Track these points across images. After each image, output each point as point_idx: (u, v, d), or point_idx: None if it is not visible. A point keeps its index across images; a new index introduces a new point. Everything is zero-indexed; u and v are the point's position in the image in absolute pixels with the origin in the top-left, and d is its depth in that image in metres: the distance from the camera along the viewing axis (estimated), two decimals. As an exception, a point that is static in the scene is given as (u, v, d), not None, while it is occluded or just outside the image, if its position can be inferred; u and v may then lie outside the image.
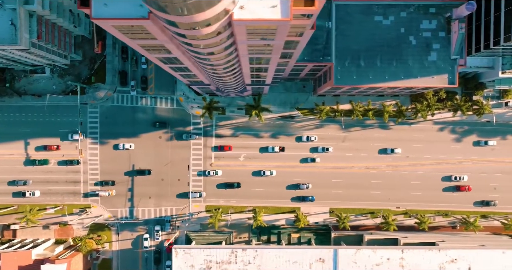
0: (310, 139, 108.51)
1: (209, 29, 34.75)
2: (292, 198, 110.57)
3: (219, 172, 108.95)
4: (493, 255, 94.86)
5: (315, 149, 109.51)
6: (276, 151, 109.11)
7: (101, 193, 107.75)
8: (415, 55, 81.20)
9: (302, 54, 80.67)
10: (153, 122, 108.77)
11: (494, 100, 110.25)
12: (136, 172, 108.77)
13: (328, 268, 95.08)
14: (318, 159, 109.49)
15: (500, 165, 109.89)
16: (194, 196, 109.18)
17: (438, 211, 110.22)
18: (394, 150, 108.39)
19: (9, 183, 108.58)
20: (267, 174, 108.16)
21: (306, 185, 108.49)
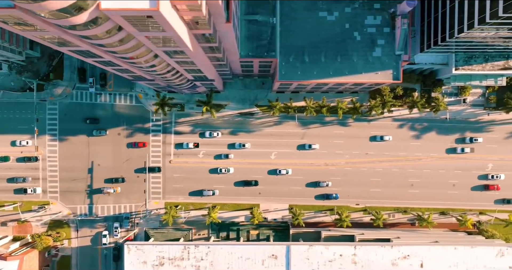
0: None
1: (78, 19, 34.77)
2: (250, 195, 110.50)
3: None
4: (445, 251, 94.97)
5: (275, 146, 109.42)
6: (238, 148, 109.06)
7: (107, 190, 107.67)
8: (360, 51, 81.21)
9: (247, 49, 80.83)
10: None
11: (453, 97, 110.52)
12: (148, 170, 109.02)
13: (280, 265, 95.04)
14: (273, 157, 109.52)
15: (459, 162, 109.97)
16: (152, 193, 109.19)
17: (397, 208, 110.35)
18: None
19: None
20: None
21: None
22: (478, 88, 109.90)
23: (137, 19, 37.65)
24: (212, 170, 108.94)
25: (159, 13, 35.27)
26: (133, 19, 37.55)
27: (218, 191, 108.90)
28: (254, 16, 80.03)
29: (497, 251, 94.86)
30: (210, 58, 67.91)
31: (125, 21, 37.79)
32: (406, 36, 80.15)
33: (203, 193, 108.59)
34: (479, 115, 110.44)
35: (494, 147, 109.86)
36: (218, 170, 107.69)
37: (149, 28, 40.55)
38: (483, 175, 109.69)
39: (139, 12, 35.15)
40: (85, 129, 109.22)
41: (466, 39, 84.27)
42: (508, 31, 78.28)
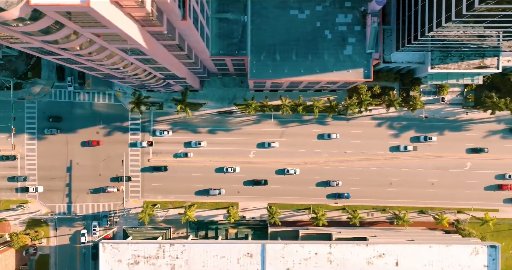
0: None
1: (8, 14, 34.76)
2: (235, 193, 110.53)
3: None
4: (420, 250, 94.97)
5: (254, 145, 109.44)
6: (210, 147, 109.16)
7: (110, 189, 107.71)
8: (331, 49, 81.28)
9: (217, 48, 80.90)
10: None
11: (431, 96, 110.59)
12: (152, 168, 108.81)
13: (256, 263, 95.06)
14: (252, 155, 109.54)
15: (437, 160, 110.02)
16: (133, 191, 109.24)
17: (376, 206, 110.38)
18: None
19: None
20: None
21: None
22: (456, 87, 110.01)
23: (75, 16, 37.67)
24: (218, 169, 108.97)
25: (91, 9, 35.27)
26: (71, 16, 37.56)
27: (224, 191, 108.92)
28: (225, 15, 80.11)
29: (472, 250, 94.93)
30: (176, 56, 67.90)
31: (62, 17, 37.80)
32: (376, 34, 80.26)
33: (209, 193, 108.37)
34: (457, 114, 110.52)
35: (472, 146, 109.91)
36: (225, 169, 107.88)
37: (90, 25, 40.57)
38: (462, 173, 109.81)
39: (72, 8, 35.17)
40: (65, 127, 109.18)
41: (441, 38, 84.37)
42: (484, 29, 78.43)
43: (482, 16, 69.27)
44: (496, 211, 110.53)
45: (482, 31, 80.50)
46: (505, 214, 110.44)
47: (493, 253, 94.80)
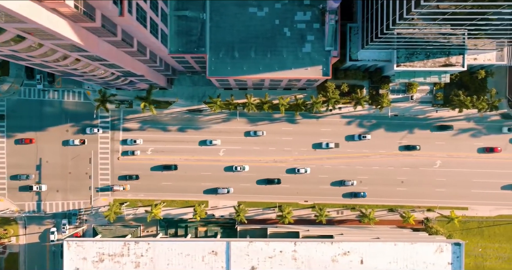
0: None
1: None
2: (205, 190, 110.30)
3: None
4: (385, 247, 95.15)
5: (225, 143, 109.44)
6: (182, 145, 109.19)
7: (116, 187, 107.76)
8: (290, 47, 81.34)
9: (176, 45, 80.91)
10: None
11: (400, 94, 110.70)
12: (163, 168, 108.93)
13: (220, 261, 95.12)
14: (222, 153, 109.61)
15: (407, 159, 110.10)
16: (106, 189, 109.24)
17: (345, 204, 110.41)
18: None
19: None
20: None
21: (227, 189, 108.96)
22: (425, 85, 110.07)
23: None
24: (227, 168, 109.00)
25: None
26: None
27: (233, 189, 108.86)
28: (183, 12, 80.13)
29: (436, 247, 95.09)
30: (128, 53, 67.92)
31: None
32: (334, 32, 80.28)
33: (218, 191, 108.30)
34: (427, 112, 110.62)
35: (442, 144, 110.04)
36: (234, 168, 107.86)
37: (7, 20, 40.55)
38: (431, 171, 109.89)
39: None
40: (35, 126, 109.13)
41: (406, 36, 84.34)
42: (440, 27, 78.56)
43: (431, 13, 69.41)
44: (466, 209, 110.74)
45: (438, 28, 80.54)
46: (474, 212, 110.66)
47: (457, 250, 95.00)
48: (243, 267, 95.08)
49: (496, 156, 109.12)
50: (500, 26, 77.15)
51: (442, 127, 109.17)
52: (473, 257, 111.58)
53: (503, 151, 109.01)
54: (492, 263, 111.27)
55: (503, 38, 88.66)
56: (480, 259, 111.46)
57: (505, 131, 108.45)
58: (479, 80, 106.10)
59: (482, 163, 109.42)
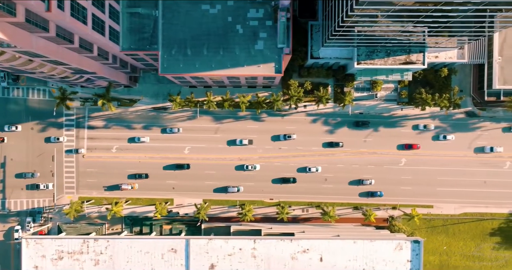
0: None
1: None
2: (169, 188, 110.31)
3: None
4: (344, 245, 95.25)
5: (189, 141, 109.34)
6: (146, 142, 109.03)
7: (124, 186, 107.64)
8: (242, 44, 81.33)
9: (129, 42, 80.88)
10: None
11: (365, 92, 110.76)
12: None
13: (180, 258, 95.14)
14: (187, 151, 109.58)
15: (372, 157, 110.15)
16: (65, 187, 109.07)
17: (311, 202, 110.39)
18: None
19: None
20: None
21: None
22: (390, 83, 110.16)
23: None
24: (238, 167, 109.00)
25: None
26: None
27: (243, 188, 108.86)
28: (136, 9, 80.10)
29: (395, 245, 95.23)
30: (72, 50, 67.85)
31: None
32: (286, 29, 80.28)
33: (228, 190, 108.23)
34: (392, 110, 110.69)
35: (407, 142, 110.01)
36: (245, 167, 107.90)
37: None
38: (396, 169, 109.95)
39: None
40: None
41: (366, 33, 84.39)
42: (393, 24, 78.64)
43: (377, 10, 69.56)
44: (431, 207, 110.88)
45: (394, 25, 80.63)
46: (439, 210, 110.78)
47: (417, 248, 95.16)
48: (203, 265, 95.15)
49: (459, 154, 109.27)
50: (458, 23, 77.04)
51: (361, 124, 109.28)
52: (438, 254, 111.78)
53: (465, 149, 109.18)
54: (456, 261, 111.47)
55: (462, 36, 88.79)
56: (445, 256, 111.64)
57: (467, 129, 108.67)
58: (442, 78, 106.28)
59: (447, 161, 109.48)
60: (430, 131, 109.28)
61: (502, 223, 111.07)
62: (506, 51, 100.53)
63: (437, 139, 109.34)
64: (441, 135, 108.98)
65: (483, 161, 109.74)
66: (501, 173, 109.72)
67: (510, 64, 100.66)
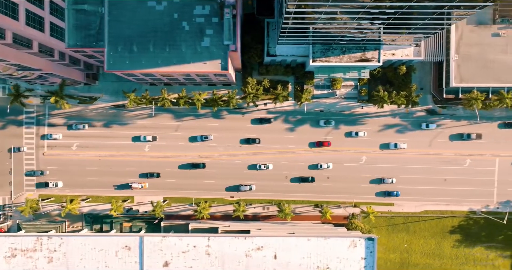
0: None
1: None
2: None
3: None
4: (298, 242, 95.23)
5: (145, 138, 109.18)
6: (106, 140, 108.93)
7: (134, 185, 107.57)
8: (188, 41, 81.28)
9: (75, 39, 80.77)
10: None
11: (325, 90, 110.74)
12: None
13: (134, 256, 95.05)
14: (147, 149, 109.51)
15: (333, 154, 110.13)
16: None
17: (271, 200, 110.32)
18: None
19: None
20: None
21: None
22: (350, 81, 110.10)
23: None
24: (251, 166, 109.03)
25: None
26: None
27: (255, 187, 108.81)
28: (82, 6, 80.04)
29: (350, 242, 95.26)
30: (8, 46, 67.77)
31: None
32: (233, 26, 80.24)
33: (240, 188, 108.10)
34: (353, 108, 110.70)
35: (368, 140, 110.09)
36: (258, 166, 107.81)
37: None
38: (356, 167, 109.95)
39: None
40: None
41: (321, 30, 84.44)
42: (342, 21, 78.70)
43: (311, 6, 69.59)
44: (392, 205, 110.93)
45: (330, 22, 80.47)
46: (400, 208, 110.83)
47: (371, 245, 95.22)
48: (157, 262, 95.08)
49: (420, 152, 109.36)
50: (404, 20, 77.13)
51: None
52: (399, 252, 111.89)
53: (425, 147, 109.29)
54: (417, 258, 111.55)
55: (414, 33, 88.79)
56: (405, 254, 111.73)
57: (424, 127, 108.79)
58: (402, 75, 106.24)
59: (407, 159, 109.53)
60: (388, 129, 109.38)
61: (462, 220, 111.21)
62: (463, 49, 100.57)
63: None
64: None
65: (443, 159, 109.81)
66: (461, 170, 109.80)
67: (467, 62, 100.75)
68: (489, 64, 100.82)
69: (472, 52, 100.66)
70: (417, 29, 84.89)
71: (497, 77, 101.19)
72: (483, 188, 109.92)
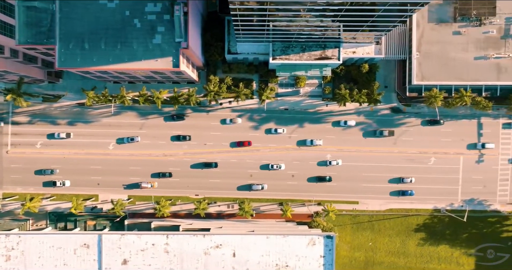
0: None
1: None
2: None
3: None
4: (257, 240, 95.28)
5: (113, 137, 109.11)
6: (70, 138, 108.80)
7: (144, 185, 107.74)
8: (140, 38, 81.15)
9: (25, 36, 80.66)
10: None
11: (289, 88, 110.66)
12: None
13: (92, 254, 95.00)
14: (111, 147, 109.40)
15: (297, 153, 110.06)
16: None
17: (235, 198, 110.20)
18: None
19: None
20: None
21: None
22: (314, 79, 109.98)
23: None
24: (263, 166, 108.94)
25: None
26: None
27: (267, 186, 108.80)
28: (32, 3, 79.83)
29: (308, 240, 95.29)
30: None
31: None
32: (184, 23, 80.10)
33: (252, 188, 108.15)
34: (317, 106, 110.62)
35: (332, 138, 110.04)
36: (270, 166, 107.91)
37: None
38: (322, 165, 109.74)
39: None
40: None
41: (280, 28, 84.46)
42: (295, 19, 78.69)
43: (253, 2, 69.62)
44: (356, 203, 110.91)
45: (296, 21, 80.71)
46: (365, 206, 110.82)
47: (329, 243, 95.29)
48: (115, 260, 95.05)
49: (384, 150, 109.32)
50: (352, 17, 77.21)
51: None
52: (364, 250, 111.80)
53: (389, 145, 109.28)
54: (382, 257, 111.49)
55: (374, 30, 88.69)
56: (370, 253, 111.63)
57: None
58: (366, 74, 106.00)
59: (372, 157, 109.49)
60: (352, 127, 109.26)
61: (426, 219, 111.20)
62: (424, 47, 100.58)
63: (371, 135, 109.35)
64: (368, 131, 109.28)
65: (408, 157, 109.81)
66: (426, 169, 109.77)
67: (428, 60, 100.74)
68: (450, 62, 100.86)
69: (433, 50, 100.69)
70: (371, 25, 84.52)
71: (459, 75, 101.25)
72: (448, 186, 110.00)
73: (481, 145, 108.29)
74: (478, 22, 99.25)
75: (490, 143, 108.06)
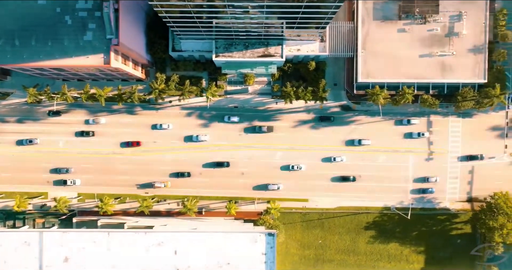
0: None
1: None
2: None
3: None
4: (200, 238, 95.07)
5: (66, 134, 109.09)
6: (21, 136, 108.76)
7: (157, 184, 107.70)
8: (71, 35, 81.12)
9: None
10: None
11: (238, 86, 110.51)
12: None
13: (33, 252, 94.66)
14: (62, 145, 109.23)
15: (247, 150, 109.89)
16: None
17: (186, 196, 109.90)
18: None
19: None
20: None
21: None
22: (263, 77, 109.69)
23: None
24: (284, 167, 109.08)
25: None
26: None
27: (282, 186, 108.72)
28: (-39, -1, 79.49)
29: (251, 238, 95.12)
30: None
31: None
32: (115, 20, 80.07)
33: (268, 187, 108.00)
34: (267, 104, 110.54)
35: (282, 136, 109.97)
36: (290, 167, 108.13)
37: None
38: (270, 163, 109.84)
39: None
40: None
41: (221, 25, 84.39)
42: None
43: None
44: (306, 201, 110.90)
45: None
46: (315, 204, 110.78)
47: (271, 241, 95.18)
48: (56, 258, 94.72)
49: (333, 148, 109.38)
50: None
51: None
52: (314, 248, 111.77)
53: (339, 143, 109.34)
54: (332, 255, 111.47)
55: (311, 26, 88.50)
56: (320, 250, 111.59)
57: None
58: (314, 71, 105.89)
59: (319, 155, 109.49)
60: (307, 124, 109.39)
61: (376, 216, 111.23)
62: (369, 45, 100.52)
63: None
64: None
65: (357, 155, 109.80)
66: (375, 167, 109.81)
67: (373, 58, 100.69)
68: (396, 59, 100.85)
69: (379, 48, 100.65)
70: (304, 19, 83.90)
71: (404, 73, 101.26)
72: (397, 184, 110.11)
73: (358, 141, 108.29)
74: (423, 20, 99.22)
75: (366, 140, 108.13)
